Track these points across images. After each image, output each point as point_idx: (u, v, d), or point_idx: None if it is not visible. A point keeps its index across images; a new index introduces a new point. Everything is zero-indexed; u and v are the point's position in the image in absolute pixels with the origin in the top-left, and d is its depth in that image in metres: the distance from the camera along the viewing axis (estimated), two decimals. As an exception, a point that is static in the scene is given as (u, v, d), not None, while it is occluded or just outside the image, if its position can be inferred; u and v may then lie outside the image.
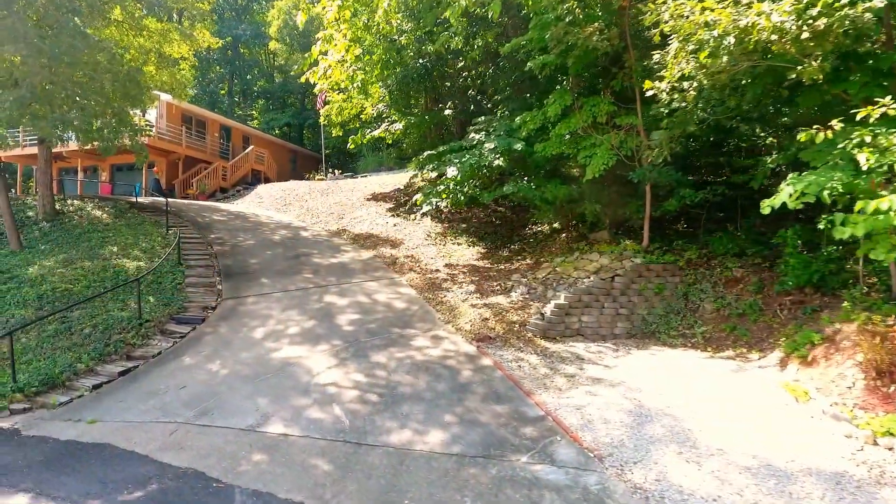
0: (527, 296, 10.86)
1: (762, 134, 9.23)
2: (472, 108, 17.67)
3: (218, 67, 45.95)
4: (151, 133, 25.13)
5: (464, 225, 16.99)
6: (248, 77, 47.88)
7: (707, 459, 5.54)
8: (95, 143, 14.83)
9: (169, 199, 22.39)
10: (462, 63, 16.93)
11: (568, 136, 10.37)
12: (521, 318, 9.90)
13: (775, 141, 9.31)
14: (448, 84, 18.22)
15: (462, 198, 11.63)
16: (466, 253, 14.40)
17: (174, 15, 23.67)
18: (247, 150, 30.58)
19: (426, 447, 6.13)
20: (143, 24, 18.68)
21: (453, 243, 15.38)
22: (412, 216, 18.55)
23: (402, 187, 22.85)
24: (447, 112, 16.56)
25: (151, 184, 25.82)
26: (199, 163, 28.29)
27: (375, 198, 21.87)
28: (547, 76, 12.36)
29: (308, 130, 45.32)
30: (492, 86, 14.97)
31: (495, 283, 11.81)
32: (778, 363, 7.39)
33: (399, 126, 16.00)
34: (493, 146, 10.63)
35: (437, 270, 13.13)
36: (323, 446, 6.24)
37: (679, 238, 11.21)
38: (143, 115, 25.09)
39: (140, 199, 20.67)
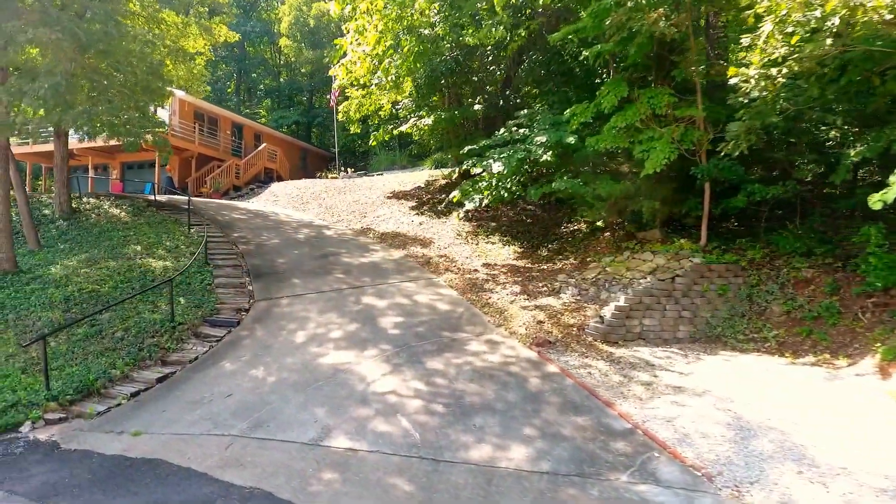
0: (578, 297, 10.33)
1: (842, 125, 8.71)
2: (500, 103, 17.16)
3: (224, 65, 45.39)
4: (165, 130, 24.60)
5: (493, 224, 16.47)
6: (253, 75, 47.35)
7: (833, 480, 5.01)
8: (118, 139, 14.24)
9: (172, 197, 21.88)
10: (492, 56, 16.43)
11: (622, 130, 9.84)
12: (577, 321, 9.38)
13: (853, 133, 8.78)
14: (475, 78, 17.70)
15: (505, 194, 11.10)
16: (502, 252, 13.88)
17: (189, 9, 23.12)
18: (259, 148, 30.03)
19: (511, 464, 5.61)
20: (160, 16, 18.17)
21: (486, 242, 14.86)
22: (440, 215, 18.07)
23: (422, 185, 22.34)
24: (476, 107, 16.01)
25: (164, 182, 25.26)
26: (212, 160, 27.76)
27: (396, 196, 21.35)
28: (586, 69, 11.88)
29: (316, 129, 44.81)
30: (526, 78, 14.46)
31: (541, 284, 11.29)
32: (877, 371, 6.87)
33: (428, 121, 15.44)
34: (543, 139, 10.10)
35: (476, 270, 12.60)
36: (397, 463, 5.71)
37: (735, 237, 10.69)
38: (155, 112, 24.57)
39: (158, 198, 20.12)
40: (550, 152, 10.22)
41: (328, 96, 29.17)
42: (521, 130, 11.37)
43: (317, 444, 6.16)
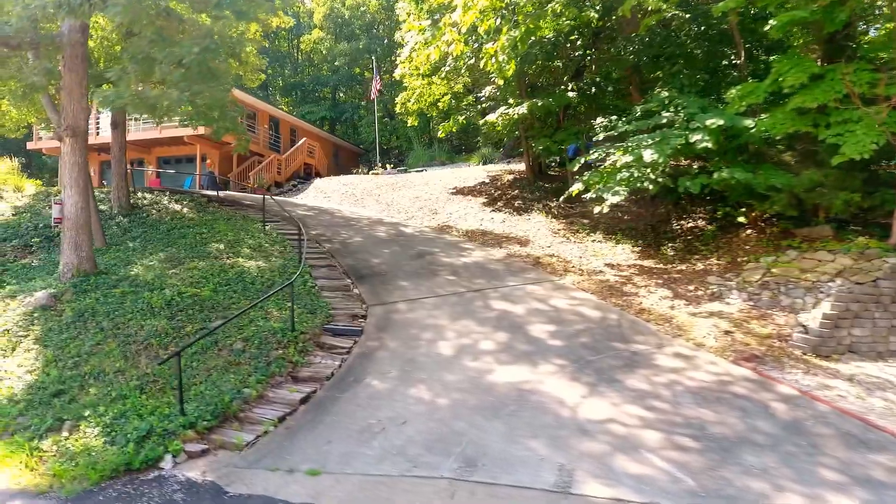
0: (750, 302, 9.07)
1: None
2: (593, 90, 15.91)
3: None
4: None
5: (585, 220, 15.22)
6: (278, 69, 46.00)
7: None
8: (204, 128, 12.90)
9: (230, 193, 20.68)
10: (581, 41, 15.18)
11: (804, 112, 8.58)
12: (772, 331, 8.12)
13: None
14: (559, 64, 16.46)
15: (650, 186, 9.83)
16: (618, 252, 12.63)
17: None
18: (299, 143, 28.78)
19: (844, 522, 4.36)
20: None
21: (591, 241, 13.60)
22: (520, 211, 16.84)
23: (486, 181, 21.10)
24: (570, 94, 14.75)
25: (206, 177, 23.97)
26: (253, 156, 26.45)
27: (461, 192, 20.09)
28: (706, 50, 10.58)
29: (343, 124, 43.49)
30: (640, 61, 13.19)
31: (690, 287, 10.04)
32: None
33: (522, 109, 14.17)
34: (713, 121, 8.84)
35: (601, 272, 11.35)
36: (693, 520, 4.46)
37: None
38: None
39: (207, 192, 18.86)
40: (713, 138, 8.95)
41: (373, 87, 27.84)
42: (665, 114, 10.10)
43: (565, 491, 4.89)
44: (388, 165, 32.41)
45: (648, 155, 9.33)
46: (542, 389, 6.78)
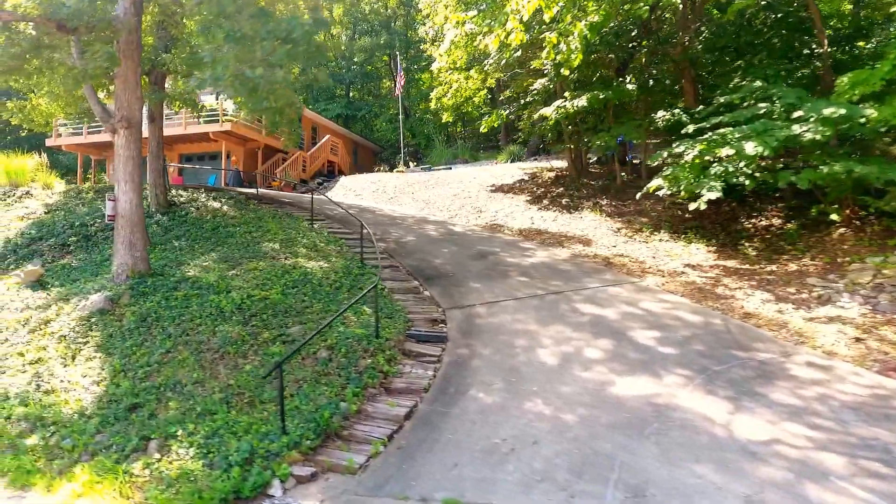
0: (867, 306, 8.40)
1: None
2: (649, 83, 15.25)
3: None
4: (235, 118, 22.69)
5: (644, 219, 14.55)
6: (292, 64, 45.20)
7: None
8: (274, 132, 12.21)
9: (265, 191, 20.05)
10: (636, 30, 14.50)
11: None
12: (906, 338, 7.45)
13: None
14: (611, 56, 15.79)
15: (746, 181, 9.16)
16: (693, 251, 11.96)
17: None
18: (323, 141, 28.13)
19: None
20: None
21: (659, 240, 12.94)
22: (568, 209, 16.19)
23: (525, 178, 20.45)
24: (629, 87, 14.08)
25: (232, 174, 23.26)
26: (277, 152, 25.80)
27: (500, 190, 19.44)
28: (783, 38, 9.90)
29: (357, 122, 42.74)
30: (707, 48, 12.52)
31: (790, 290, 9.36)
32: None
33: (582, 102, 13.50)
34: (831, 111, 8.16)
35: (682, 273, 10.68)
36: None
37: None
38: (217, 98, 22.62)
39: (258, 191, 18.21)
40: (828, 129, 8.28)
41: (398, 83, 27.15)
42: (761, 105, 9.44)
43: (767, 528, 4.23)
44: (410, 163, 31.73)
45: (751, 147, 8.65)
46: (679, 404, 6.11)
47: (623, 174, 17.70)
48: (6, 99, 15.05)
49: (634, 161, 18.67)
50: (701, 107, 13.91)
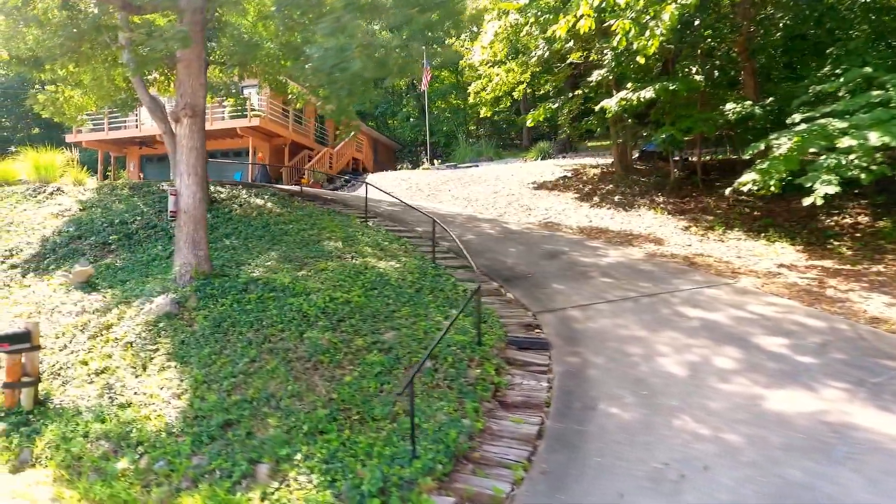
0: None
1: None
2: (714, 74, 14.55)
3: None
4: (263, 113, 21.98)
5: (710, 217, 13.87)
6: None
7: None
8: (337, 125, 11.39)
9: (305, 189, 19.34)
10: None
11: None
12: None
13: None
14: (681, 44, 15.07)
15: (864, 175, 8.43)
16: (779, 250, 11.26)
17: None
18: (347, 138, 27.34)
19: None
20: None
21: (735, 239, 12.23)
22: (623, 206, 15.50)
23: (567, 175, 19.74)
24: (697, 77, 13.38)
25: (259, 171, 22.54)
26: (303, 149, 25.10)
27: (543, 187, 18.76)
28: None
29: (374, 120, 42.01)
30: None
31: (911, 292, 8.67)
32: None
33: (649, 93, 12.79)
34: None
35: (778, 274, 9.97)
36: None
37: None
38: (242, 92, 21.87)
39: (302, 189, 17.51)
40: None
41: (424, 77, 26.45)
42: (875, 93, 8.73)
43: None
44: (435, 161, 31.01)
45: (875, 138, 7.95)
46: (855, 423, 5.39)
47: (675, 171, 17.02)
48: (34, 91, 14.27)
49: (684, 158, 18.00)
50: (770, 98, 13.24)
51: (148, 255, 11.17)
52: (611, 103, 13.70)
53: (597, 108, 14.52)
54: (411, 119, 40.81)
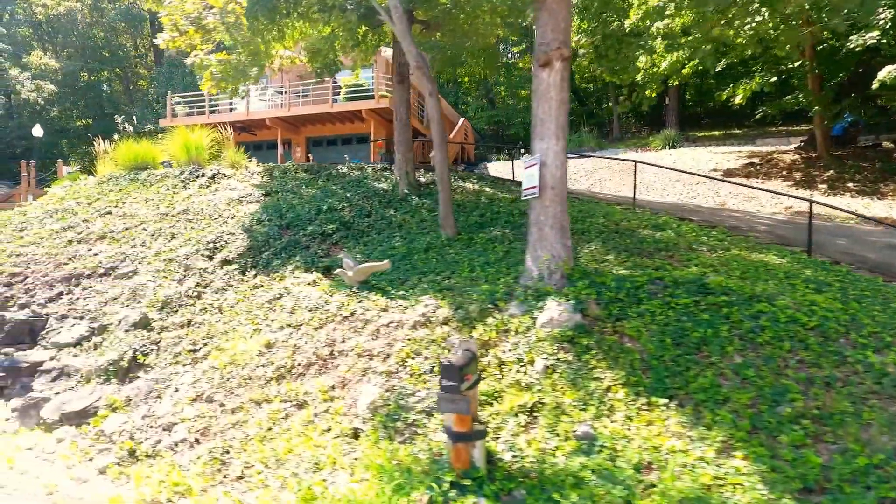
0: None
1: None
2: None
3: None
4: (389, 93, 19.65)
5: None
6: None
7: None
8: None
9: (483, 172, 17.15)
10: None
11: None
12: None
13: None
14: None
15: None
16: None
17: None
18: (458, 125, 25.14)
19: None
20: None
21: None
22: (872, 196, 13.28)
23: (756, 162, 17.55)
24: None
25: (381, 156, 20.25)
26: (417, 136, 22.73)
27: (734, 174, 16.51)
28: None
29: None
30: None
31: None
32: None
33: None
34: None
35: None
36: None
37: None
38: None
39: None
40: None
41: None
42: None
43: None
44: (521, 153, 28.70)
45: None
46: None
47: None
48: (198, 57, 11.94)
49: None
50: None
51: (391, 244, 8.97)
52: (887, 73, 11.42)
53: (876, 81, 12.18)
54: (486, 110, 38.57)
